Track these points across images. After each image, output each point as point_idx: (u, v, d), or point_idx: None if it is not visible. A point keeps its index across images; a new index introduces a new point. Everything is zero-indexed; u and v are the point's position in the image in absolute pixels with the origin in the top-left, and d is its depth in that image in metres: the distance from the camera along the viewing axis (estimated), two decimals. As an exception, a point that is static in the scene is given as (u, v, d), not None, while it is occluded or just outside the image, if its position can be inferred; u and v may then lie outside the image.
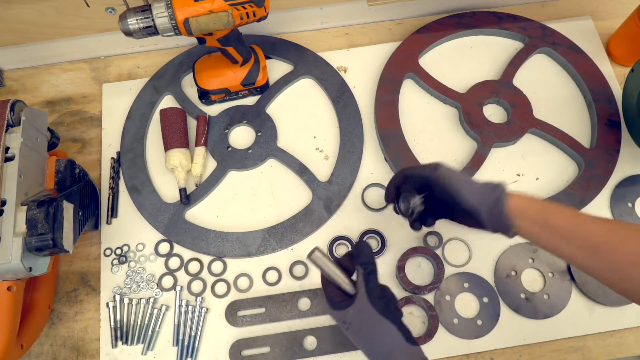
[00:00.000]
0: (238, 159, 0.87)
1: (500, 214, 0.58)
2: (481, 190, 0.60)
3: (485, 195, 0.60)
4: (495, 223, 0.59)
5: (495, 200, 0.59)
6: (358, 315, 0.56)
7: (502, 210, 0.58)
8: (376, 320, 0.55)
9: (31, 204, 0.64)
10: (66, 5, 0.84)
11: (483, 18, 0.96)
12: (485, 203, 0.59)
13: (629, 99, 0.83)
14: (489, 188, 0.60)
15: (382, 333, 0.55)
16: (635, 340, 0.76)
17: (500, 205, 0.59)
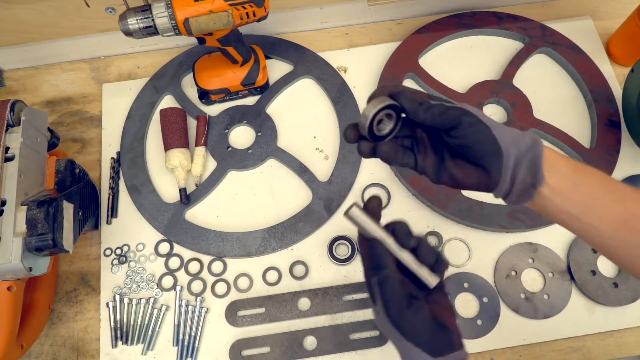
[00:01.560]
0: (238, 159, 0.87)
1: (536, 162, 0.47)
2: (513, 131, 0.48)
3: (518, 137, 0.47)
4: (523, 175, 0.47)
5: (530, 146, 0.47)
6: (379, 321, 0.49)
7: (539, 157, 0.47)
8: (396, 339, 0.47)
9: (31, 204, 0.64)
10: (66, 5, 0.84)
11: (483, 18, 0.96)
12: (516, 146, 0.47)
13: (629, 99, 0.83)
14: (523, 134, 0.48)
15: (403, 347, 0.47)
16: (635, 340, 0.76)
17: (537, 151, 0.47)
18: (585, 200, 0.48)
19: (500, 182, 0.47)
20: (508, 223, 0.80)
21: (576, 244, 0.80)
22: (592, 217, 0.48)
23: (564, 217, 0.49)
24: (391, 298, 0.46)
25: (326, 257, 0.81)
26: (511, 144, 0.47)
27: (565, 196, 0.48)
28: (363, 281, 0.78)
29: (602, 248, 0.50)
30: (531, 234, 0.81)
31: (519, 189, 0.48)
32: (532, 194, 0.48)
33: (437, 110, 0.46)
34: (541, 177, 0.47)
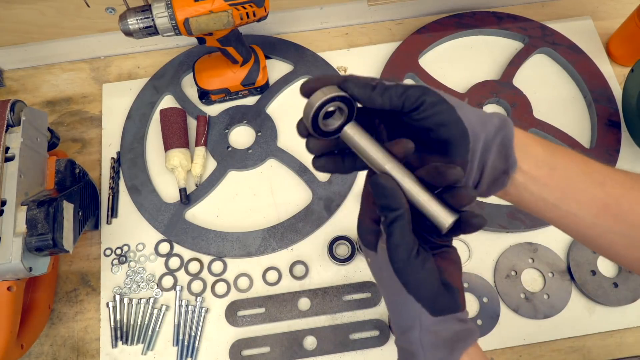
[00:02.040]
0: (238, 159, 0.87)
1: (507, 145, 0.41)
2: (479, 111, 0.43)
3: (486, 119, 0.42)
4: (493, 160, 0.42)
5: (499, 127, 0.42)
6: (378, 272, 0.43)
7: (509, 139, 0.41)
8: (396, 288, 0.41)
9: (31, 204, 0.64)
10: (66, 5, 0.84)
11: (483, 18, 0.96)
12: (484, 128, 0.41)
13: (629, 99, 0.83)
14: (490, 114, 0.43)
15: (400, 303, 0.41)
16: (635, 340, 0.76)
17: (507, 133, 0.41)
18: (562, 185, 0.43)
19: (467, 170, 0.41)
20: (508, 223, 0.80)
21: (576, 244, 0.80)
22: (571, 204, 0.43)
23: (541, 205, 0.44)
24: (401, 242, 0.39)
25: (326, 257, 0.81)
26: (478, 126, 0.41)
27: (542, 182, 0.43)
28: (363, 281, 0.79)
29: (582, 237, 0.45)
30: (531, 234, 0.81)
31: (489, 176, 0.42)
32: (504, 182, 0.43)
33: (395, 91, 0.40)
34: (513, 161, 0.42)
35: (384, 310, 0.77)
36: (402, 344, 0.43)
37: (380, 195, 0.39)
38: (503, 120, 0.42)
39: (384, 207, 0.39)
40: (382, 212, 0.39)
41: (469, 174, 0.42)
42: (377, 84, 0.41)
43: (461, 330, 0.41)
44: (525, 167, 0.42)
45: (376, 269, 0.43)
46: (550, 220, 0.45)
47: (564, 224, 0.45)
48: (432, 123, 0.40)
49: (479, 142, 0.41)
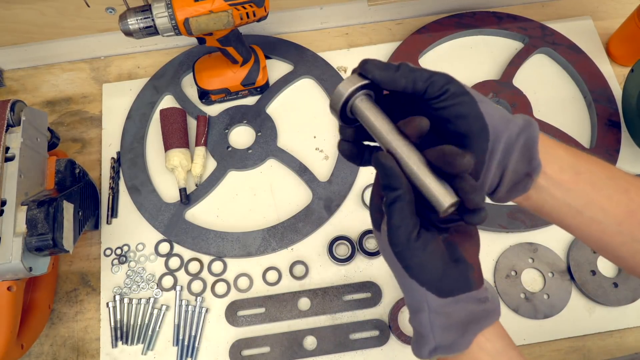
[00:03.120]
0: (238, 159, 0.87)
1: (531, 146, 0.39)
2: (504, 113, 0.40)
3: (509, 118, 0.40)
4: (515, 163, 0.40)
5: (523, 127, 0.39)
6: (383, 253, 0.42)
7: (534, 141, 0.39)
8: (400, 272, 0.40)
9: (31, 204, 0.64)
10: (66, 5, 0.84)
11: (483, 18, 0.96)
12: (507, 127, 0.39)
13: (629, 99, 0.83)
14: (514, 115, 0.40)
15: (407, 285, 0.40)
16: (635, 340, 0.76)
17: (532, 133, 0.39)
18: (587, 190, 0.41)
19: (485, 171, 0.39)
20: (508, 223, 0.80)
21: (576, 243, 0.80)
22: (595, 210, 0.41)
23: (564, 211, 0.42)
24: (399, 224, 0.37)
25: (326, 257, 0.81)
26: (501, 124, 0.39)
27: (566, 187, 0.41)
28: (363, 281, 0.79)
29: (603, 245, 0.44)
30: (531, 234, 0.81)
31: (510, 180, 0.40)
32: (527, 186, 0.40)
33: (421, 75, 0.38)
34: (538, 164, 0.39)
35: (384, 310, 0.77)
36: (414, 324, 0.42)
37: (382, 174, 0.38)
38: (527, 120, 0.40)
39: (385, 186, 0.38)
40: (383, 191, 0.38)
41: (485, 176, 0.40)
42: (402, 64, 0.39)
43: (477, 311, 0.39)
44: (549, 170, 0.40)
45: (382, 250, 0.41)
46: (572, 227, 0.44)
47: (587, 232, 0.43)
48: (452, 114, 0.38)
49: (499, 141, 0.39)
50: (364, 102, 0.39)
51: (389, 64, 0.39)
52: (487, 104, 0.39)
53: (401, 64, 0.39)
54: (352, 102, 0.40)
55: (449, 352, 0.40)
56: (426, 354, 0.40)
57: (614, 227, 0.42)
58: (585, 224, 0.42)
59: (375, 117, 0.39)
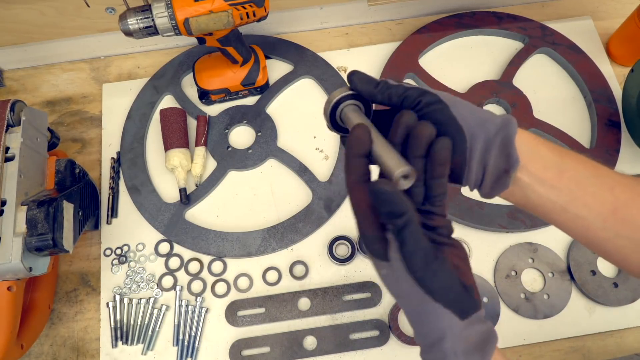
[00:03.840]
0: (238, 159, 0.87)
1: (507, 144, 0.41)
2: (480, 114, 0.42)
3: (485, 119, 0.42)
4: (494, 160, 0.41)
5: (501, 126, 0.41)
6: (394, 284, 0.40)
7: (510, 138, 0.41)
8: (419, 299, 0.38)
9: (31, 204, 0.64)
10: (66, 5, 0.84)
11: (483, 18, 0.96)
12: (483, 127, 0.41)
13: (629, 99, 0.83)
14: (493, 115, 0.43)
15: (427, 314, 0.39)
16: (635, 340, 0.76)
17: (508, 131, 0.41)
18: (571, 187, 0.42)
19: (467, 170, 0.42)
20: (508, 223, 0.80)
21: (576, 244, 0.80)
22: (580, 207, 0.42)
23: (548, 207, 0.43)
24: (415, 249, 0.37)
25: (326, 257, 0.81)
26: (477, 125, 0.41)
27: (550, 184, 0.42)
28: (363, 281, 0.79)
29: (589, 241, 0.45)
30: (531, 234, 0.81)
31: (492, 176, 0.42)
32: (507, 182, 0.42)
33: (396, 90, 0.42)
34: (515, 160, 0.41)
35: (384, 310, 0.77)
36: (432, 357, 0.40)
37: (383, 202, 0.36)
38: (506, 119, 0.42)
39: (389, 214, 0.37)
40: (388, 220, 0.38)
41: (469, 174, 0.42)
42: (380, 81, 0.43)
43: (485, 331, 0.40)
44: (532, 168, 0.42)
45: (392, 281, 0.40)
46: (558, 223, 0.45)
47: (572, 227, 0.44)
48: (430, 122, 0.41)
49: (477, 141, 0.41)
50: (350, 109, 0.44)
51: (372, 79, 0.43)
52: (462, 107, 0.42)
53: (381, 81, 0.43)
54: (341, 109, 0.44)
55: (495, 341, 0.40)
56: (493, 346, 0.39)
57: (599, 224, 0.43)
58: (570, 220, 0.44)
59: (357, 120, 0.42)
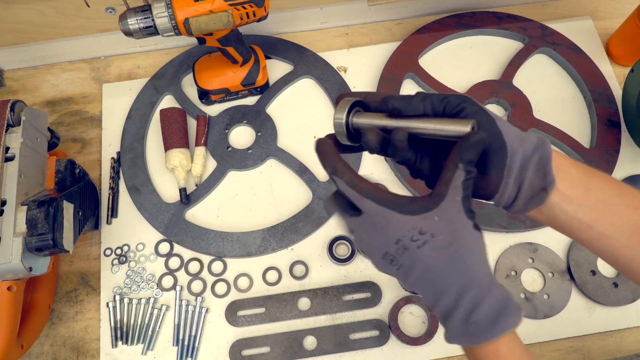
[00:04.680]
0: (238, 159, 0.87)
1: (545, 163, 0.42)
2: (518, 131, 0.43)
3: (524, 137, 0.43)
4: (531, 177, 0.42)
5: (537, 145, 0.42)
6: (449, 227, 0.40)
7: (548, 157, 0.42)
8: (474, 235, 0.41)
9: (31, 204, 0.64)
10: (66, 5, 0.84)
11: (483, 18, 0.96)
12: (522, 144, 0.42)
13: (629, 99, 0.83)
14: (527, 133, 0.44)
15: (481, 248, 0.42)
16: (635, 340, 0.76)
17: (545, 151, 0.42)
18: (598, 206, 0.44)
19: (503, 186, 0.42)
20: (508, 223, 0.80)
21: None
22: (605, 225, 0.44)
23: (575, 226, 0.44)
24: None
25: (326, 257, 0.81)
26: (516, 142, 0.42)
27: (577, 202, 0.43)
28: (363, 281, 0.79)
29: (614, 259, 0.46)
30: (531, 233, 0.81)
31: (526, 194, 0.43)
32: (542, 199, 0.43)
33: (436, 97, 0.43)
34: (552, 179, 0.42)
35: (384, 310, 0.77)
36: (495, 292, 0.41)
37: (472, 148, 0.40)
38: (541, 139, 0.43)
39: (469, 160, 0.40)
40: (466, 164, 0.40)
41: (504, 190, 0.42)
42: (417, 93, 0.43)
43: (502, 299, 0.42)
44: (561, 186, 0.43)
45: (441, 227, 0.40)
46: (583, 241, 0.46)
47: (597, 245, 0.45)
48: None
49: (516, 158, 0.41)
50: (360, 116, 0.45)
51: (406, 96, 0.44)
52: (503, 122, 0.42)
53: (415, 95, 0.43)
54: (351, 121, 0.46)
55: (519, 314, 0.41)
56: (518, 312, 0.40)
57: (624, 242, 0.44)
58: (596, 238, 0.45)
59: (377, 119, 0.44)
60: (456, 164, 0.40)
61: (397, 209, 0.41)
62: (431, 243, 0.40)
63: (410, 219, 0.40)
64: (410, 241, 0.40)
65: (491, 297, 0.40)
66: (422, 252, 0.40)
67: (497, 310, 0.40)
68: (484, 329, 0.40)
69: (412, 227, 0.40)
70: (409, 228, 0.40)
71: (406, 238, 0.40)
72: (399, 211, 0.41)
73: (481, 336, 0.40)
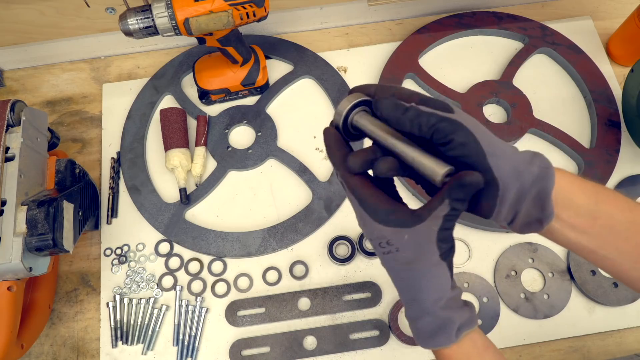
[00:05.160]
0: (238, 159, 0.87)
1: (543, 198, 0.40)
2: (517, 158, 0.40)
3: (522, 169, 0.40)
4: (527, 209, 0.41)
5: (537, 178, 0.40)
6: (415, 248, 0.41)
7: (546, 192, 0.40)
8: (435, 264, 0.41)
9: (31, 204, 0.64)
10: (66, 5, 0.84)
11: (483, 18, 0.96)
12: (519, 178, 0.40)
13: (629, 99, 0.83)
14: (528, 156, 0.41)
15: (436, 277, 0.42)
16: (635, 340, 0.76)
17: (545, 185, 0.40)
18: (603, 233, 0.42)
19: (496, 214, 0.42)
20: (508, 223, 0.80)
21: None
22: (610, 250, 0.43)
23: (577, 249, 0.44)
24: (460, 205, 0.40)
25: (326, 257, 0.81)
26: (511, 176, 0.40)
27: (580, 230, 0.42)
28: (363, 281, 0.79)
29: (619, 277, 0.45)
30: (531, 234, 0.81)
31: (522, 221, 0.42)
32: (538, 229, 0.42)
33: (427, 120, 0.39)
34: (550, 213, 0.40)
35: (384, 310, 0.77)
36: (438, 314, 0.43)
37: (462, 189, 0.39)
38: (544, 169, 0.40)
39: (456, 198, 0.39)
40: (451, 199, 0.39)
41: (498, 215, 0.42)
42: (410, 107, 0.40)
43: (461, 291, 0.45)
44: (564, 215, 0.41)
45: (407, 247, 0.41)
46: (586, 259, 0.45)
47: (600, 265, 0.45)
48: (459, 162, 0.40)
49: (509, 192, 0.40)
50: (362, 117, 0.44)
51: (400, 104, 0.40)
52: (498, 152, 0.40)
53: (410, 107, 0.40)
54: (352, 118, 0.44)
55: (469, 326, 0.44)
56: (454, 334, 0.43)
57: (629, 265, 0.43)
58: (599, 260, 0.44)
59: (373, 126, 0.43)
60: (444, 198, 0.39)
61: (374, 215, 0.42)
62: (394, 255, 0.42)
63: (382, 228, 0.41)
64: (379, 245, 0.43)
65: (431, 316, 0.43)
66: (385, 259, 0.44)
67: (434, 328, 0.43)
68: (423, 339, 0.45)
69: (382, 236, 0.42)
70: (379, 236, 0.42)
71: (376, 241, 0.43)
72: (374, 219, 0.42)
73: (423, 344, 0.45)
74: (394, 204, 0.42)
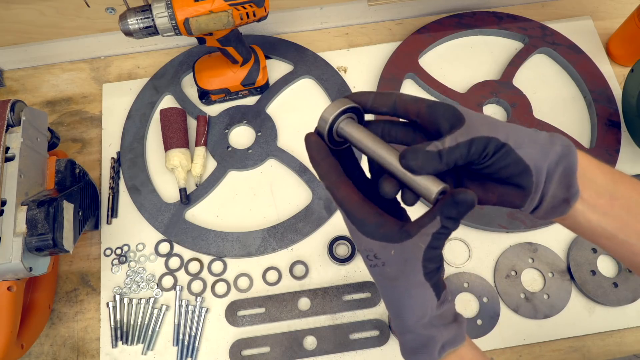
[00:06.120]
0: (238, 159, 0.87)
1: (569, 175, 0.40)
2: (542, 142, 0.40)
3: (547, 148, 0.40)
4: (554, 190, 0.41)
5: (561, 155, 0.40)
6: (400, 265, 0.41)
7: (572, 169, 0.40)
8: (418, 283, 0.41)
9: (31, 204, 0.64)
10: (66, 5, 0.84)
11: (483, 18, 0.96)
12: (546, 158, 0.40)
13: (629, 99, 0.83)
14: (552, 139, 0.41)
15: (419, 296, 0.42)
16: (635, 340, 0.76)
17: (570, 161, 0.40)
18: (622, 215, 0.42)
19: (530, 199, 0.41)
20: (508, 223, 0.80)
21: (576, 244, 0.80)
22: (629, 234, 0.42)
23: (597, 233, 0.43)
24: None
25: (326, 257, 0.81)
26: (540, 158, 0.40)
27: (601, 211, 0.42)
28: (363, 281, 0.79)
29: (637, 266, 0.45)
30: (531, 233, 0.81)
31: (549, 204, 0.42)
32: (564, 210, 0.42)
33: (460, 153, 0.39)
34: (576, 191, 0.41)
35: (384, 310, 0.77)
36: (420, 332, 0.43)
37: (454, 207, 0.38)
38: (566, 147, 0.40)
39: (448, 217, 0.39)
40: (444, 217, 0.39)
41: (531, 202, 0.42)
42: (441, 152, 0.39)
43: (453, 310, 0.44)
44: (585, 195, 0.41)
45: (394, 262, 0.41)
46: (606, 247, 0.45)
47: (619, 252, 0.45)
48: (493, 169, 0.40)
49: (542, 174, 0.40)
50: (348, 125, 0.42)
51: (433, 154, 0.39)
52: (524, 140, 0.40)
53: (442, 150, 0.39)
54: (338, 125, 0.42)
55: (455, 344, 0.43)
56: (436, 353, 0.42)
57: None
58: (619, 245, 0.44)
59: (360, 135, 0.42)
60: (435, 215, 0.38)
61: (361, 228, 0.41)
62: (380, 270, 0.42)
63: (369, 241, 0.41)
64: (366, 258, 0.42)
65: (413, 334, 0.43)
66: (372, 272, 0.43)
67: (417, 345, 0.43)
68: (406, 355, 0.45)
69: (369, 249, 0.41)
70: (367, 248, 0.41)
71: (364, 253, 0.42)
72: (361, 232, 0.41)
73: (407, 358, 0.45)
74: (383, 217, 0.41)
